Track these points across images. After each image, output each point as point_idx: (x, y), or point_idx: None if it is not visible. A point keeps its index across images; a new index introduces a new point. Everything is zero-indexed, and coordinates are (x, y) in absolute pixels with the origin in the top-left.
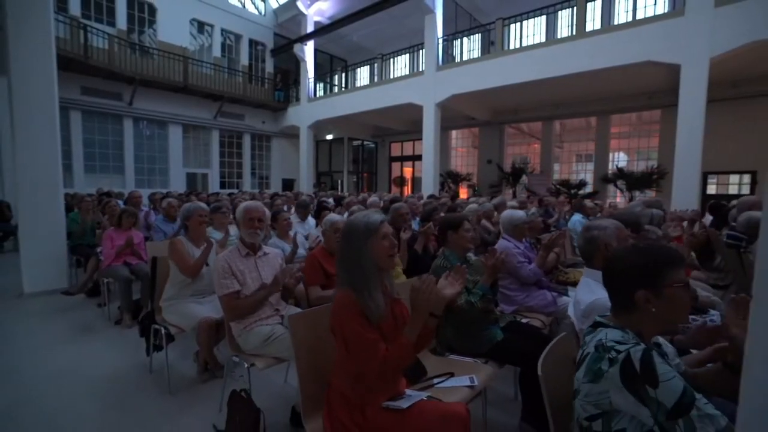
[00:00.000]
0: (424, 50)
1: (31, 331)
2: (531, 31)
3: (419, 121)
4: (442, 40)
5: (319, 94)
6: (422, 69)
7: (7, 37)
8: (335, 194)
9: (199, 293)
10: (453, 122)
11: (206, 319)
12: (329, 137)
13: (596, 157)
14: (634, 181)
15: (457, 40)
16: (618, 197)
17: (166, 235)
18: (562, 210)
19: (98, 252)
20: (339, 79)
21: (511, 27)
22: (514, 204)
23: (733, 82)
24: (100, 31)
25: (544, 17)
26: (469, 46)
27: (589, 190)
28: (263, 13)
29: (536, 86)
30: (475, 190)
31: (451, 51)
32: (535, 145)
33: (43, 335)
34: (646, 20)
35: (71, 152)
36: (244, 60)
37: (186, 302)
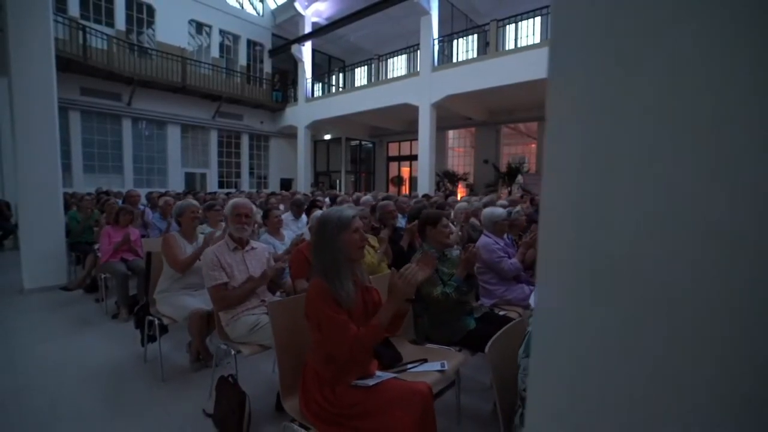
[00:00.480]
0: (420, 51)
1: (31, 325)
2: (526, 32)
3: (416, 121)
4: (437, 41)
5: (317, 94)
6: (418, 69)
7: (7, 38)
8: (332, 193)
9: (192, 286)
10: (450, 122)
11: (197, 310)
12: (327, 137)
13: None
14: None
15: (454, 41)
16: None
17: (161, 232)
18: None
19: (96, 249)
20: (337, 79)
21: (507, 28)
22: (504, 203)
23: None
24: (99, 32)
25: (539, 18)
26: (466, 47)
27: None
28: (261, 14)
29: (531, 87)
30: (472, 189)
31: (447, 52)
32: (532, 145)
33: (43, 329)
34: None
35: (70, 152)
36: (243, 60)
37: (178, 294)
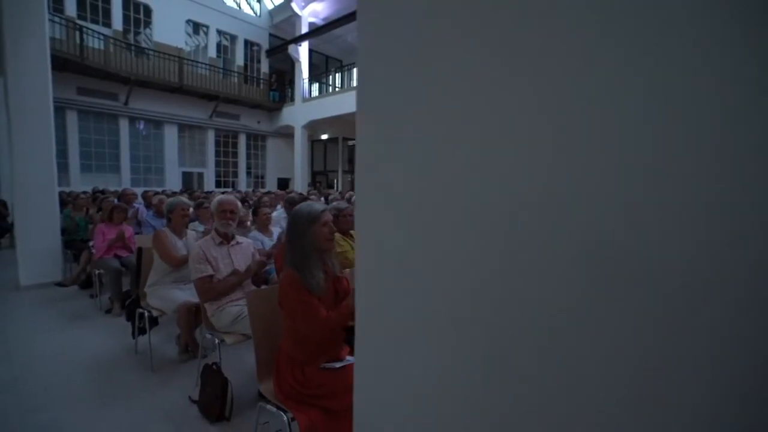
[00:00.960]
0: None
1: (27, 319)
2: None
3: None
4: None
5: (314, 94)
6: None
7: (3, 38)
8: (326, 192)
9: (181, 280)
10: None
11: (186, 302)
12: (324, 137)
13: None
14: None
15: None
16: None
17: (155, 230)
18: None
19: (90, 246)
20: (334, 79)
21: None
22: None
23: None
24: (96, 32)
25: None
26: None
27: None
28: (258, 14)
29: None
30: None
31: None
32: None
33: (38, 323)
34: None
35: (67, 151)
36: (240, 60)
37: (168, 288)
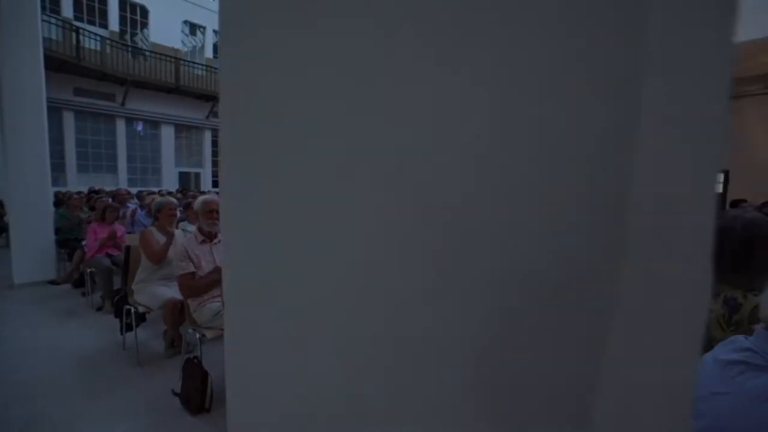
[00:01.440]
0: None
1: (19, 316)
2: None
3: None
4: None
5: None
6: None
7: None
8: None
9: (167, 278)
10: None
11: (171, 299)
12: None
13: None
14: None
15: None
16: None
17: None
18: None
19: (83, 245)
20: None
21: None
22: None
23: None
24: (93, 33)
25: None
26: None
27: None
28: None
29: None
30: None
31: None
32: None
33: (30, 320)
34: None
35: (64, 152)
36: None
37: (154, 285)
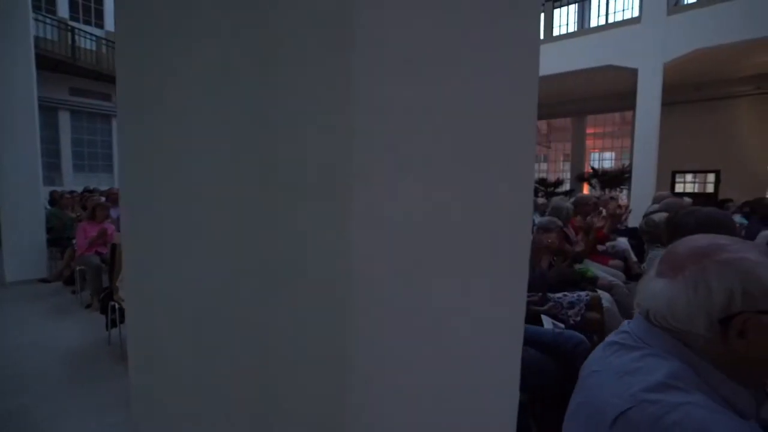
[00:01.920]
0: None
1: (10, 314)
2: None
3: None
4: None
5: None
6: None
7: None
8: None
9: None
10: None
11: None
12: None
13: (572, 156)
14: (606, 180)
15: None
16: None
17: None
18: None
19: (74, 243)
20: None
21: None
22: None
23: (696, 86)
24: (89, 34)
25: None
26: None
27: (567, 188)
28: None
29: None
30: None
31: None
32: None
33: (20, 317)
34: (606, 26)
35: (60, 151)
36: None
37: None
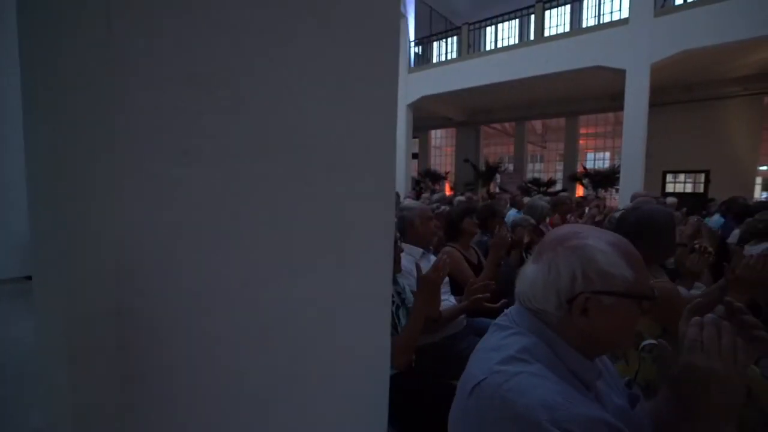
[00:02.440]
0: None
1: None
2: (506, 34)
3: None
4: (413, 44)
5: None
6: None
7: None
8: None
9: None
10: (432, 122)
11: None
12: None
13: (565, 156)
14: (598, 180)
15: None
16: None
17: None
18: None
19: None
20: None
21: (488, 30)
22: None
23: (686, 87)
24: None
25: (516, 20)
26: (444, 49)
27: (560, 187)
28: None
29: (506, 87)
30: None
31: (428, 53)
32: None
33: (11, 315)
34: (595, 27)
35: None
36: None
37: None
